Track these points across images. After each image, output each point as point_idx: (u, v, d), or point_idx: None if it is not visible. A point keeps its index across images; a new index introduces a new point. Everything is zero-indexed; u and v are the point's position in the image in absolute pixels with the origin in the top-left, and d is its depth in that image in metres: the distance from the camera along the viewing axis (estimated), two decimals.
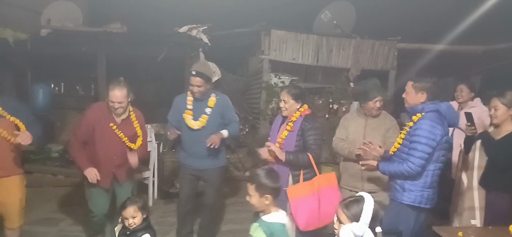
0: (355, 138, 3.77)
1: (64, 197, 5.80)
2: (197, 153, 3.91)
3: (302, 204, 3.20)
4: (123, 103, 3.55)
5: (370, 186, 3.69)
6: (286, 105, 3.46)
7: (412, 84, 3.07)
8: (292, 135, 3.42)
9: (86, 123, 3.64)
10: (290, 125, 3.44)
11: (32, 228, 4.59)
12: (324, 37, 7.81)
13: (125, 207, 3.03)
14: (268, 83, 7.50)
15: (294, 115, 3.45)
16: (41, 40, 6.25)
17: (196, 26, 6.44)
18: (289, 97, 3.44)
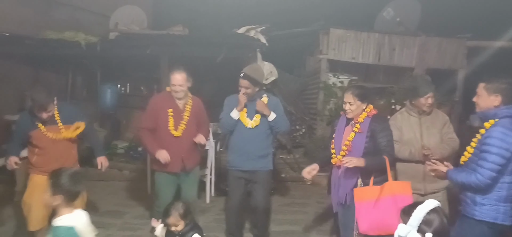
0: (411, 138, 3.57)
1: (128, 191, 6.10)
2: (249, 153, 3.91)
3: (366, 208, 3.10)
4: (183, 86, 3.81)
5: (433, 186, 3.49)
6: (351, 107, 3.33)
7: (484, 86, 2.77)
8: (360, 137, 3.29)
9: (150, 110, 3.95)
10: (357, 127, 3.31)
11: (100, 219, 4.88)
12: (387, 35, 7.55)
13: (169, 214, 3.06)
14: (326, 83, 7.37)
15: (361, 116, 3.33)
16: (109, 42, 6.64)
17: (254, 27, 6.49)
18: (355, 99, 3.32)
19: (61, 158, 3.65)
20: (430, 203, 2.09)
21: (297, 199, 6.04)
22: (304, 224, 5.02)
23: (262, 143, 3.95)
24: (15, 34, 6.54)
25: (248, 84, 3.80)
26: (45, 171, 3.59)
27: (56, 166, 3.56)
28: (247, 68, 3.94)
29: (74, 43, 6.43)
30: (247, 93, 3.83)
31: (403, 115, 3.75)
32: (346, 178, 3.33)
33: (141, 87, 8.89)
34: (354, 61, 7.54)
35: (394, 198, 3.08)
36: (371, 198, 3.12)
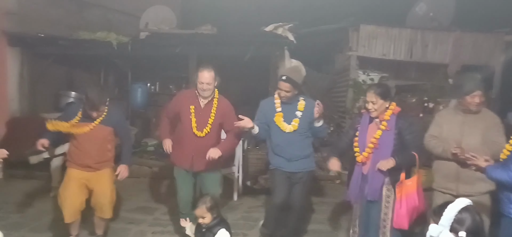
0: (450, 136, 3.46)
1: (158, 188, 6.21)
2: (291, 156, 3.84)
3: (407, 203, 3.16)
4: (211, 84, 3.74)
5: (466, 189, 3.34)
6: (375, 106, 3.35)
7: None
8: (388, 135, 3.31)
9: (173, 102, 4.00)
10: (384, 124, 3.33)
11: (131, 215, 5.00)
12: (419, 31, 7.35)
13: (196, 206, 3.15)
14: (356, 80, 7.25)
15: (386, 114, 3.34)
16: (140, 42, 6.77)
17: (282, 24, 6.44)
18: (377, 97, 3.33)
19: (96, 155, 3.74)
20: (461, 201, 2.06)
21: (325, 198, 5.98)
22: (332, 222, 4.96)
23: (303, 144, 3.88)
24: (49, 35, 6.77)
25: (289, 87, 3.74)
26: (80, 165, 3.75)
27: (90, 162, 3.71)
28: (288, 71, 3.95)
29: (106, 43, 6.58)
30: (287, 96, 3.79)
31: (448, 112, 3.70)
32: (374, 175, 3.34)
33: (170, 86, 9.02)
34: (385, 58, 7.38)
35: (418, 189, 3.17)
36: (408, 192, 3.17)
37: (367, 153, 3.38)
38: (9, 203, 5.29)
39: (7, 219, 4.73)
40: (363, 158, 3.41)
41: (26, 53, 6.93)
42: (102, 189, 3.79)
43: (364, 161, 3.40)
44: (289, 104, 3.84)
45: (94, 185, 3.79)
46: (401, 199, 3.20)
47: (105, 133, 3.78)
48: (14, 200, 5.40)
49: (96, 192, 3.80)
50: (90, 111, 3.63)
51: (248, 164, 6.35)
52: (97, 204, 3.84)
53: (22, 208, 5.13)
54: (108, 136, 3.81)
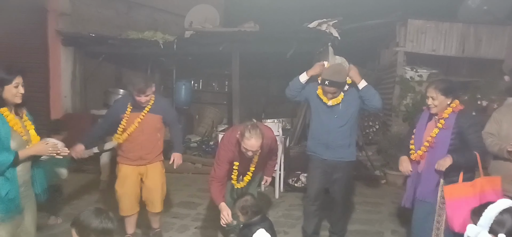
0: (509, 134, 3.27)
1: (201, 183, 6.30)
2: (328, 142, 3.76)
3: (460, 205, 2.94)
4: (258, 151, 3.33)
5: None
6: (435, 102, 3.18)
7: None
8: (445, 133, 3.15)
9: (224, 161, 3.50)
10: (442, 122, 3.17)
11: (175, 210, 5.12)
12: (472, 25, 6.99)
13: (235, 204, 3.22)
14: (403, 77, 7.00)
15: (445, 112, 3.18)
16: (184, 41, 6.91)
17: (326, 21, 6.32)
18: (438, 93, 3.16)
19: (147, 145, 3.82)
20: (503, 202, 1.93)
21: (369, 198, 5.81)
22: (377, 224, 4.81)
23: (343, 131, 3.75)
24: (100, 34, 7.07)
25: (335, 90, 3.67)
26: (132, 159, 3.83)
27: (142, 153, 3.80)
28: (329, 73, 3.69)
29: (153, 42, 6.77)
30: (335, 97, 3.71)
31: (509, 109, 3.49)
32: (429, 174, 3.21)
33: (212, 83, 9.14)
34: (434, 54, 7.07)
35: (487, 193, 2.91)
36: (463, 195, 2.97)
37: (421, 151, 3.25)
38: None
39: (59, 211, 4.94)
40: (417, 156, 3.29)
41: (78, 52, 7.26)
42: (154, 184, 3.89)
43: (418, 159, 3.28)
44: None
45: (146, 180, 3.88)
46: (451, 200, 3.01)
47: (155, 121, 3.83)
48: (66, 193, 5.68)
49: (148, 187, 3.89)
50: (137, 96, 3.66)
51: (289, 162, 6.30)
52: (148, 199, 3.93)
53: (73, 201, 5.38)
54: (157, 124, 3.86)
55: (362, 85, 3.69)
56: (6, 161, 2.47)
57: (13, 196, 2.53)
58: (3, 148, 2.48)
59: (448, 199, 3.00)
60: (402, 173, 3.47)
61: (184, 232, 4.49)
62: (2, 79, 2.53)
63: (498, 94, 6.42)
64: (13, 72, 2.57)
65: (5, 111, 2.55)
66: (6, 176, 2.50)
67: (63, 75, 7.16)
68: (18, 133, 2.59)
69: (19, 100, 2.61)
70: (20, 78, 2.59)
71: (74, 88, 7.29)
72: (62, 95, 7.18)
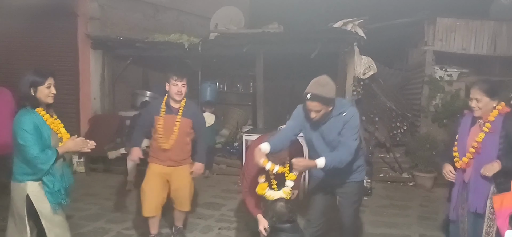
0: None
1: (225, 185, 6.34)
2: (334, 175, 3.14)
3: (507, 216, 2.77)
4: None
5: None
6: (479, 104, 3.01)
7: None
8: (492, 138, 2.98)
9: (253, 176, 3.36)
10: (488, 126, 3.00)
11: (199, 210, 5.16)
12: (504, 22, 6.77)
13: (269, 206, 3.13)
14: (432, 76, 6.83)
15: (491, 114, 3.00)
16: (209, 43, 6.96)
17: (351, 20, 6.23)
18: (482, 94, 3.00)
19: (175, 149, 3.86)
20: None
21: (396, 201, 5.68)
22: (405, 227, 4.70)
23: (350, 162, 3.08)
24: (128, 37, 7.21)
25: (319, 106, 2.94)
26: (162, 160, 3.90)
27: (171, 155, 3.87)
28: (313, 86, 2.96)
29: (179, 44, 6.85)
30: (320, 115, 2.99)
31: None
32: (478, 184, 3.02)
33: (237, 84, 9.16)
34: (465, 52, 6.85)
35: None
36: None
37: (467, 158, 3.07)
38: (90, 195, 5.72)
39: (88, 210, 5.11)
40: (462, 164, 3.10)
41: (107, 55, 7.43)
42: (182, 184, 3.95)
43: (464, 167, 3.10)
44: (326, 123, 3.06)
45: (175, 180, 3.93)
46: (501, 210, 2.81)
47: (185, 125, 3.89)
48: (94, 193, 5.85)
49: (176, 187, 3.95)
50: (174, 82, 3.74)
51: None
52: (177, 198, 4.01)
53: (100, 200, 5.51)
54: (187, 128, 3.92)
55: (321, 166, 2.91)
56: (51, 158, 2.70)
57: (58, 188, 2.79)
58: (46, 146, 2.71)
59: (498, 209, 2.82)
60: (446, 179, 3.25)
61: (208, 233, 4.51)
62: (35, 81, 2.73)
63: None
64: (46, 74, 2.78)
65: (41, 111, 2.76)
66: (50, 172, 2.73)
67: (93, 77, 7.35)
68: (55, 132, 2.80)
69: (51, 100, 2.80)
70: (52, 79, 2.79)
71: (102, 90, 7.47)
72: (92, 97, 7.37)
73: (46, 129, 2.73)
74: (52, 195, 2.76)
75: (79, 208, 5.09)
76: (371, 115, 6.94)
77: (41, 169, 2.68)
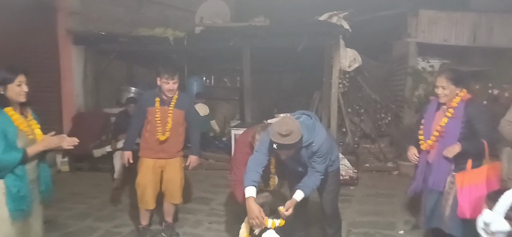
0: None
1: (214, 179, 6.34)
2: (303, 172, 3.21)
3: (471, 192, 2.97)
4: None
5: None
6: (445, 91, 3.18)
7: None
8: (455, 123, 3.15)
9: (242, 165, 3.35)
10: (451, 111, 3.18)
11: (189, 205, 5.14)
12: (484, 13, 6.90)
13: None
14: (415, 68, 6.95)
15: (454, 101, 3.18)
16: (195, 37, 6.91)
17: (336, 13, 6.29)
18: (448, 82, 3.16)
19: (169, 141, 3.85)
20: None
21: (382, 189, 5.80)
22: (390, 215, 4.80)
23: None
24: (111, 32, 7.09)
25: (288, 152, 2.93)
26: (154, 152, 3.88)
27: (164, 147, 3.85)
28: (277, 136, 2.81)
29: (164, 38, 6.78)
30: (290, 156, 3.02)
31: None
32: (440, 164, 3.21)
33: (224, 79, 9.14)
34: (446, 44, 7.00)
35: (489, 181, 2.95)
36: (473, 182, 2.99)
37: (431, 141, 3.26)
38: (76, 194, 5.63)
39: (74, 210, 5.03)
40: (427, 146, 3.29)
41: (89, 50, 7.30)
42: (174, 175, 3.95)
43: (429, 149, 3.28)
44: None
45: (166, 172, 3.95)
46: (462, 187, 3.03)
47: (178, 116, 3.89)
48: (80, 192, 5.75)
49: (167, 179, 3.96)
50: (166, 80, 3.72)
51: None
52: (167, 190, 4.00)
53: (87, 199, 5.43)
54: (180, 119, 3.92)
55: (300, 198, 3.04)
56: (15, 159, 2.50)
57: (24, 194, 2.56)
58: (10, 147, 2.50)
59: (460, 187, 3.02)
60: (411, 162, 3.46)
61: (198, 228, 4.51)
62: (4, 78, 2.56)
63: (509, 83, 6.36)
64: (16, 70, 2.60)
65: (10, 111, 2.57)
66: (17, 174, 2.53)
67: (75, 74, 7.21)
68: (24, 133, 2.61)
69: (23, 99, 2.63)
70: (23, 76, 2.62)
71: (85, 86, 7.34)
72: (74, 94, 7.24)
73: (12, 129, 2.53)
74: (14, 201, 2.51)
75: (65, 208, 5.01)
76: (356, 107, 7.04)
77: (3, 169, 2.48)
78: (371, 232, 4.30)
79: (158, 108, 3.83)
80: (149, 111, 3.86)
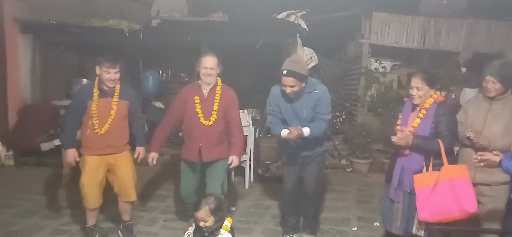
0: (474, 122, 3.37)
1: (170, 176, 6.22)
2: (302, 146, 3.68)
3: (425, 194, 3.04)
4: (214, 70, 3.73)
5: (483, 177, 3.26)
6: (419, 92, 3.20)
7: None
8: (426, 123, 3.20)
9: (179, 98, 3.93)
10: (423, 112, 3.22)
11: (143, 202, 5.04)
12: (432, 18, 7.25)
13: (198, 208, 2.85)
14: (368, 68, 7.19)
15: (427, 102, 3.21)
16: (151, 30, 6.74)
17: (294, 12, 6.38)
18: (423, 83, 3.18)
19: (114, 134, 3.70)
20: None
21: (336, 186, 5.96)
22: (344, 211, 4.95)
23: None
24: (62, 22, 6.78)
25: (293, 82, 3.42)
26: (99, 149, 3.69)
27: (109, 142, 3.68)
28: (288, 63, 3.47)
29: (118, 30, 6.59)
30: (293, 92, 3.48)
31: (477, 99, 3.56)
32: (411, 165, 3.24)
33: (181, 73, 8.99)
34: (398, 46, 7.30)
35: (451, 182, 3.00)
36: (430, 183, 3.05)
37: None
38: (21, 190, 5.36)
39: (19, 207, 4.79)
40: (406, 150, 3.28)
41: (38, 40, 6.95)
42: (125, 172, 3.78)
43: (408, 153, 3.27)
44: (300, 99, 3.58)
45: (116, 169, 3.76)
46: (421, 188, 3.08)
47: (123, 107, 3.74)
48: (26, 188, 5.48)
49: (119, 177, 3.77)
50: (107, 70, 3.56)
51: (259, 152, 6.36)
52: (121, 189, 3.81)
53: (33, 196, 5.18)
54: (125, 110, 3.77)
55: (307, 134, 3.53)
56: None
57: None
58: None
59: (418, 188, 3.07)
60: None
61: (153, 225, 4.43)
62: None
63: (455, 85, 6.75)
64: None
65: None
66: None
67: (22, 64, 6.84)
68: None
69: None
70: None
71: (33, 78, 6.98)
72: (21, 85, 6.87)
73: None
74: None
75: (10, 205, 4.77)
76: None
77: None
78: (326, 228, 4.39)
79: (97, 100, 3.64)
80: (89, 104, 3.65)
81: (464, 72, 6.91)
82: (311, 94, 3.55)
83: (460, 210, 2.97)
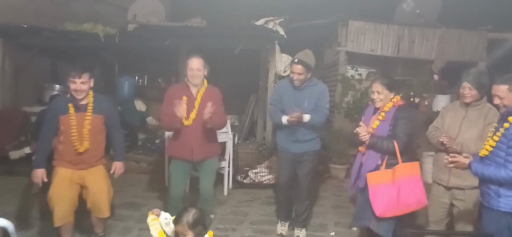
0: (450, 128, 3.49)
1: (146, 183, 6.13)
2: (297, 137, 4.03)
3: (380, 191, 3.23)
4: (201, 71, 3.85)
5: (457, 181, 3.41)
6: (380, 96, 3.40)
7: (508, 88, 2.76)
8: (384, 125, 3.38)
9: (167, 98, 3.92)
10: (382, 115, 3.40)
11: (117, 211, 4.91)
12: (406, 27, 7.41)
13: (177, 221, 2.70)
14: (344, 75, 7.28)
15: (387, 105, 3.40)
16: (128, 34, 6.63)
17: (272, 19, 6.41)
18: (383, 88, 3.38)
19: (88, 150, 3.54)
20: None
21: (313, 191, 5.97)
22: (321, 216, 4.98)
23: (310, 126, 4.00)
24: (34, 25, 6.58)
25: (301, 70, 3.90)
26: (72, 163, 3.53)
27: (83, 157, 3.51)
28: (300, 54, 3.99)
29: (93, 35, 6.44)
30: (300, 79, 3.93)
31: (454, 105, 3.68)
32: (367, 163, 3.42)
33: (158, 79, 8.89)
34: (373, 54, 7.43)
35: (405, 179, 3.24)
36: (383, 181, 3.26)
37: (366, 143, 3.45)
38: None
39: None
40: (363, 148, 3.48)
41: (8, 44, 6.75)
42: (99, 188, 3.58)
43: (364, 150, 3.48)
44: (303, 89, 4.01)
45: (90, 184, 3.57)
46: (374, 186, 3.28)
47: (97, 122, 3.57)
48: None
49: (92, 192, 3.57)
50: (73, 80, 3.38)
51: (238, 159, 6.32)
52: (94, 205, 3.61)
53: (1, 206, 4.95)
54: (100, 125, 3.61)
55: (307, 120, 3.92)
56: None
57: None
58: None
59: (370, 185, 3.26)
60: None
61: (127, 235, 4.33)
62: None
63: (428, 92, 6.93)
64: None
65: None
66: None
67: None
68: None
69: None
70: None
71: (3, 83, 6.76)
72: None
73: None
74: None
75: None
76: None
77: None
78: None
79: (73, 115, 3.47)
80: (61, 119, 3.48)
81: (436, 79, 7.10)
82: (314, 87, 4.04)
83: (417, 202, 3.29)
